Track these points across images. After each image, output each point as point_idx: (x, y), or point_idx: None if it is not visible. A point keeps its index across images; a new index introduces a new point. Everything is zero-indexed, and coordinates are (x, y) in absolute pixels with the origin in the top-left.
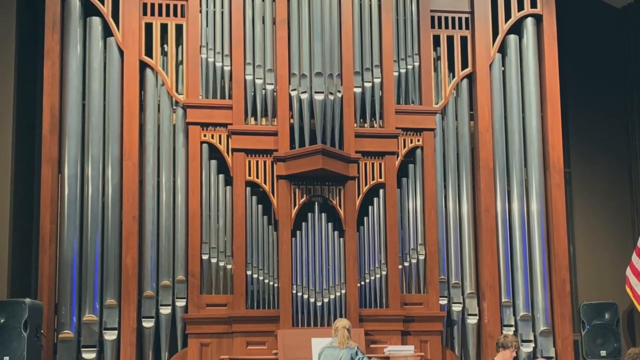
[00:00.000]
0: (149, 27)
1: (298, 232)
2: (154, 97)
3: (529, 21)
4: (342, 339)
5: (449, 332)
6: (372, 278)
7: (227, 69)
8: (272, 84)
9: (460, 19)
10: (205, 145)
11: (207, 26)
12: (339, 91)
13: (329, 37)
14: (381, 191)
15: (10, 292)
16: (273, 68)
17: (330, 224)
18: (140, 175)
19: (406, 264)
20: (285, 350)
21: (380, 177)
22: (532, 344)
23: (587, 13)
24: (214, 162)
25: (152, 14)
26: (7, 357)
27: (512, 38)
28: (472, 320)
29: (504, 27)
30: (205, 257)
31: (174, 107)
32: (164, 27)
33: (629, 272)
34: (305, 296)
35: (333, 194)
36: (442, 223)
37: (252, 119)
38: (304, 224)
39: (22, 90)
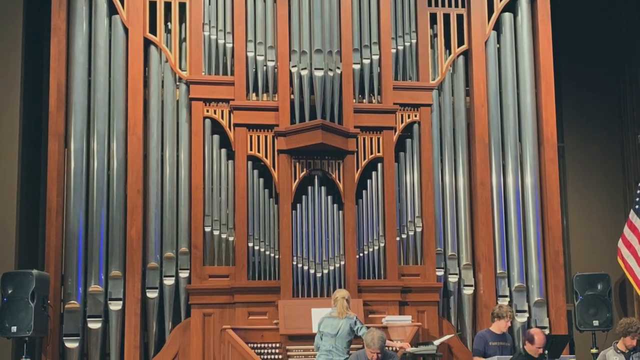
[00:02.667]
0: (153, 5)
1: (298, 205)
2: (158, 74)
3: None
4: (341, 309)
5: (445, 303)
6: (371, 250)
7: (229, 46)
8: (273, 60)
9: None
10: (207, 121)
11: (209, 4)
12: (338, 68)
13: (328, 15)
14: (379, 165)
15: (18, 263)
16: (274, 45)
17: (329, 197)
18: (144, 149)
19: (404, 236)
20: (285, 320)
21: (379, 152)
22: (527, 314)
23: None
24: (216, 137)
25: None
26: (15, 327)
27: (507, 16)
28: (468, 291)
29: (499, 5)
30: (207, 229)
31: (178, 83)
32: (167, 5)
33: (620, 244)
34: (305, 267)
35: (332, 168)
36: (439, 196)
37: (254, 94)
38: (304, 197)
39: (30, 67)
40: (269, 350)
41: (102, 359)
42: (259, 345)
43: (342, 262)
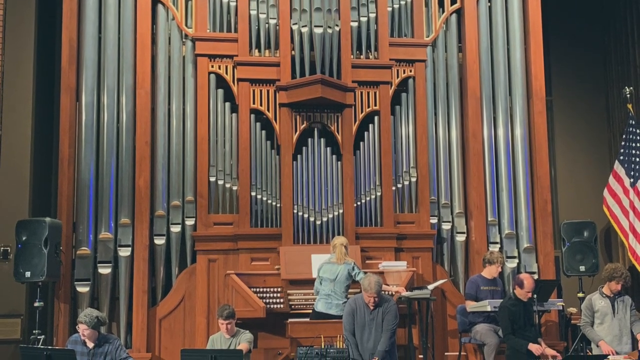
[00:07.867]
0: None
1: (299, 156)
2: (165, 31)
3: None
4: (340, 255)
5: (439, 249)
6: (368, 199)
7: (233, 4)
8: (274, 18)
9: None
10: (212, 75)
11: None
12: (337, 25)
13: None
14: (376, 118)
15: (32, 211)
16: (275, 3)
17: (328, 148)
18: (152, 103)
19: (399, 185)
20: (286, 265)
21: (375, 105)
22: (516, 260)
23: None
24: (220, 91)
25: None
26: (29, 272)
27: None
28: (460, 238)
29: None
30: (212, 179)
31: (184, 40)
32: None
33: (606, 193)
34: (306, 215)
35: (331, 121)
36: (433, 148)
37: (256, 50)
38: (304, 148)
39: (43, 24)
40: (271, 294)
41: (112, 303)
42: (261, 289)
43: (341, 211)
